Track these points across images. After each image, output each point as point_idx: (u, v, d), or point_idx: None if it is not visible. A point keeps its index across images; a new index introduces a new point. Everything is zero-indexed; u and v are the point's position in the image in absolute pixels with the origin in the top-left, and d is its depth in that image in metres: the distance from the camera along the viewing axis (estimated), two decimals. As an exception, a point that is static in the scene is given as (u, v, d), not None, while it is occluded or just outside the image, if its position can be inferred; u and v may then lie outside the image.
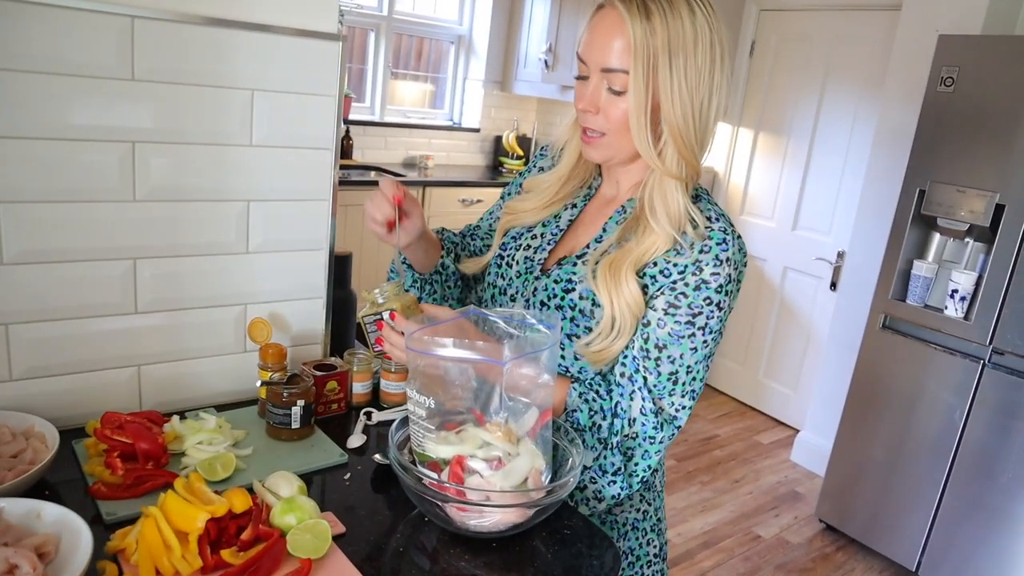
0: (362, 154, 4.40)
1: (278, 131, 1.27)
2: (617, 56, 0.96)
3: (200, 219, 1.24)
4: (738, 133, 3.97)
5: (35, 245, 1.11)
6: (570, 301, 1.06)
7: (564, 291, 1.07)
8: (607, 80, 0.98)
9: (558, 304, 1.07)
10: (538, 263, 1.13)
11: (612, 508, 1.16)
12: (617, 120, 0.99)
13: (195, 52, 1.16)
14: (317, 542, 0.91)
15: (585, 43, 1.00)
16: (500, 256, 1.19)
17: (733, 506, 3.11)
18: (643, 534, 1.19)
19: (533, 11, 4.56)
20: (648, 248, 1.01)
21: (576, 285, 1.06)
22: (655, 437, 1.04)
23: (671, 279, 1.00)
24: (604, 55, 0.97)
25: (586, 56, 1.00)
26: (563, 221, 1.15)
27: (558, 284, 1.08)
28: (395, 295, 1.06)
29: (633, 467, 1.06)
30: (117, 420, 1.09)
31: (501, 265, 1.18)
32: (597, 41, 0.98)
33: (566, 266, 1.09)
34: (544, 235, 1.15)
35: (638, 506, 1.18)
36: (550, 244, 1.14)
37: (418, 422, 0.96)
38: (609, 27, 0.96)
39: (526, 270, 1.14)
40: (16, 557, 0.78)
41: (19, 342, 1.13)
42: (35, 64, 1.05)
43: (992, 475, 2.40)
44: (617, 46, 0.95)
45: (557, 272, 1.09)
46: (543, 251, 1.14)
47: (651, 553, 1.21)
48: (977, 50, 2.41)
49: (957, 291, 2.45)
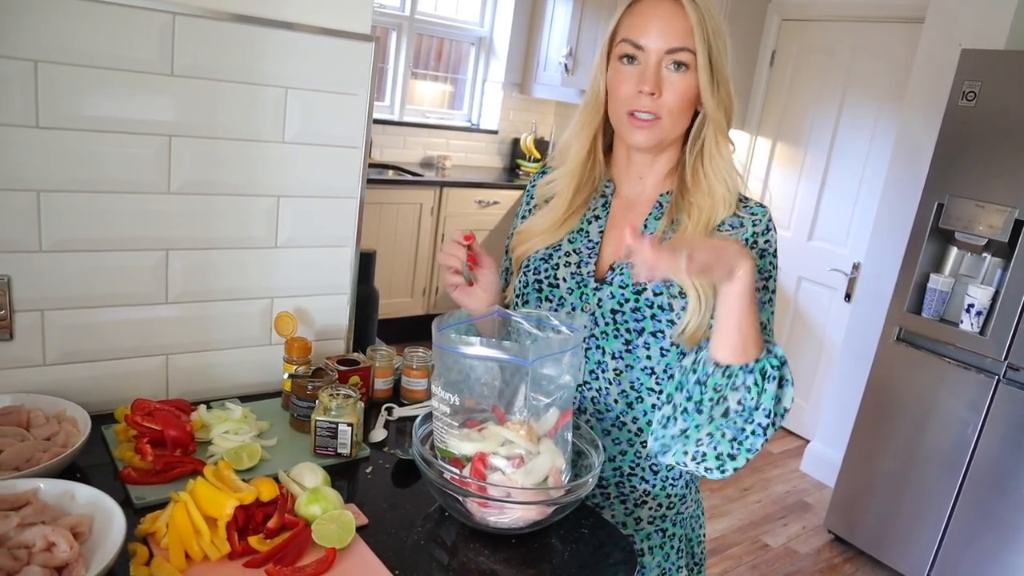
0: (380, 153, 4.44)
1: (310, 129, 1.29)
2: (682, 37, 1.01)
3: (231, 213, 1.26)
4: (756, 142, 3.97)
5: (72, 234, 1.14)
6: (646, 300, 1.06)
7: (635, 293, 1.07)
8: (669, 60, 1.02)
9: (633, 307, 1.07)
10: (589, 275, 1.11)
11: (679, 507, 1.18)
12: (675, 99, 1.03)
13: (232, 49, 1.19)
14: (342, 532, 0.93)
15: (640, 28, 1.03)
16: (538, 281, 1.14)
17: (741, 514, 3.11)
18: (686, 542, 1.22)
19: (554, 15, 4.59)
20: (708, 218, 1.06)
21: (646, 283, 1.07)
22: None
23: None
24: (669, 36, 1.01)
25: (644, 40, 1.02)
26: (594, 233, 1.14)
27: (625, 288, 1.08)
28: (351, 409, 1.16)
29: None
30: (147, 407, 1.12)
31: (542, 288, 1.14)
32: (658, 26, 1.02)
33: (625, 270, 1.08)
34: (579, 250, 1.13)
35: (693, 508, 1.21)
36: (592, 256, 1.12)
37: (442, 418, 0.98)
38: (668, 11, 1.02)
39: (578, 284, 1.11)
40: (54, 535, 0.80)
41: (53, 328, 1.16)
42: (80, 58, 1.08)
43: (1004, 490, 2.40)
44: (681, 28, 1.01)
45: (619, 278, 1.08)
46: (588, 264, 1.12)
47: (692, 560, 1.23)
48: (1000, 65, 2.40)
49: (973, 306, 2.45)
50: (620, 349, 1.08)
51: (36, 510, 0.85)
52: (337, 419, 1.13)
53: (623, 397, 1.09)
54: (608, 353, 1.08)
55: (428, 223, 4.14)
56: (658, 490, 1.13)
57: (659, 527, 1.16)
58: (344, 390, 1.16)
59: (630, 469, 1.12)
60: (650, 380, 1.08)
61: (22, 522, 0.82)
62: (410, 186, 4.07)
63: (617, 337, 1.07)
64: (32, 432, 1.05)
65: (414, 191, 4.06)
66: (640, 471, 1.12)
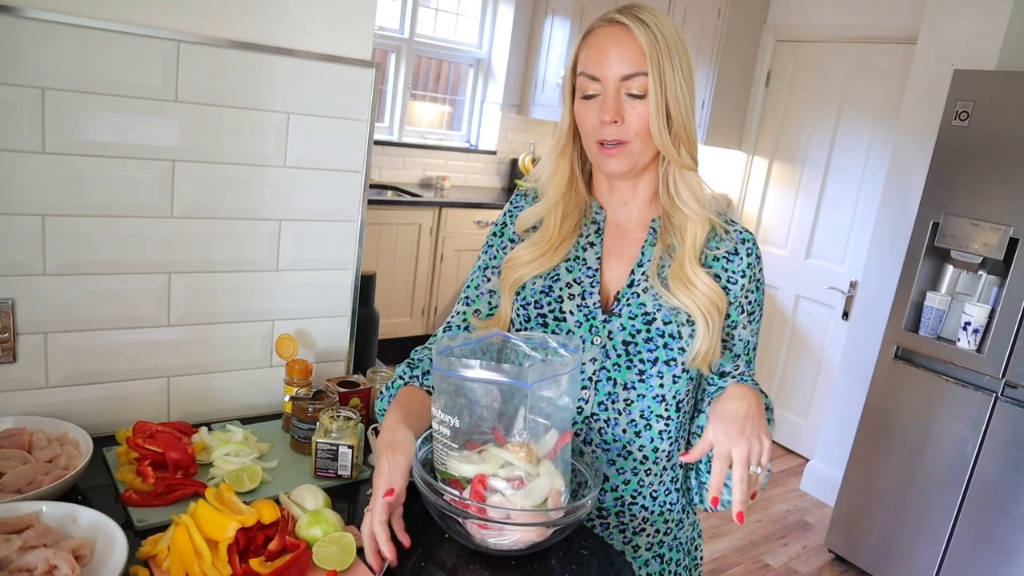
0: (379, 174, 4.47)
1: (311, 153, 1.31)
2: (634, 62, 1.02)
3: (233, 236, 1.28)
4: (753, 162, 4.01)
5: (76, 258, 1.15)
6: (657, 330, 1.07)
7: (645, 324, 1.08)
8: (625, 88, 1.03)
9: (645, 337, 1.07)
10: (595, 306, 1.10)
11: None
12: (640, 123, 1.04)
13: (235, 76, 1.21)
14: (343, 555, 0.93)
15: (594, 60, 1.04)
16: (541, 315, 1.12)
17: (742, 534, 3.10)
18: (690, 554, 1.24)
19: (552, 36, 4.64)
20: (693, 238, 1.08)
21: (655, 313, 1.08)
22: None
23: (738, 286, 1.10)
24: (621, 64, 1.02)
25: (599, 71, 1.03)
26: (591, 260, 1.13)
27: (635, 319, 1.08)
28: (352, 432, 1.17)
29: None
30: (148, 430, 1.13)
31: (548, 323, 1.11)
32: (610, 53, 1.03)
33: (632, 300, 1.09)
34: (579, 280, 1.12)
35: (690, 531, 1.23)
36: (594, 285, 1.11)
37: (442, 440, 0.99)
38: (619, 39, 1.02)
39: (586, 317, 1.10)
40: (56, 558, 0.81)
41: (56, 351, 1.17)
42: (86, 85, 1.10)
43: (1004, 509, 2.39)
44: (632, 53, 1.02)
45: (627, 309, 1.09)
46: (592, 294, 1.11)
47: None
48: (992, 85, 2.44)
49: (970, 323, 2.46)
50: (634, 380, 1.07)
51: (38, 533, 0.86)
52: (338, 441, 1.14)
53: (631, 426, 1.09)
54: (620, 384, 1.08)
55: (427, 243, 4.16)
56: (656, 516, 1.13)
57: (657, 553, 1.16)
58: (345, 412, 1.17)
59: (631, 498, 1.11)
60: (660, 407, 1.08)
61: (24, 545, 0.83)
62: (409, 207, 4.10)
63: (631, 368, 1.07)
64: (34, 454, 1.05)
65: (413, 211, 4.09)
66: (641, 499, 1.12)
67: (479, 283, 1.20)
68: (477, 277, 1.21)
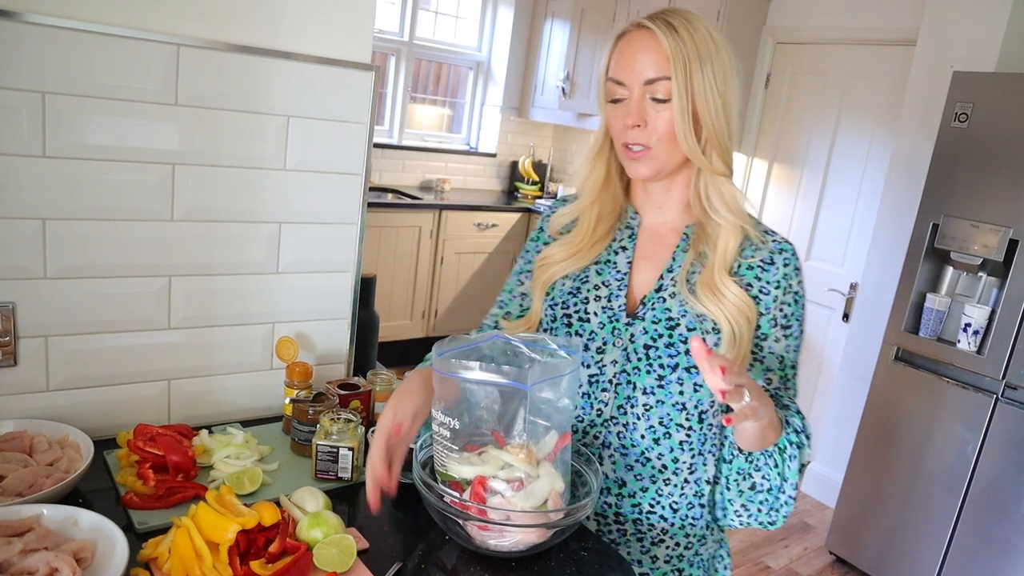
0: (379, 176, 4.47)
1: (311, 156, 1.31)
2: (658, 66, 1.02)
3: (233, 239, 1.28)
4: (752, 163, 4.01)
5: (76, 261, 1.15)
6: (680, 336, 1.06)
7: (668, 329, 1.07)
8: (650, 92, 1.03)
9: (667, 342, 1.06)
10: (620, 309, 1.10)
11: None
12: (665, 127, 1.04)
13: (234, 79, 1.22)
14: (343, 557, 0.93)
15: (620, 65, 1.05)
16: (567, 315, 1.13)
17: (742, 535, 3.10)
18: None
19: (552, 39, 4.65)
20: (724, 247, 1.06)
21: (679, 319, 1.07)
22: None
23: (770, 296, 1.07)
24: (645, 68, 1.02)
25: (624, 76, 1.04)
26: (622, 264, 1.13)
27: (658, 324, 1.07)
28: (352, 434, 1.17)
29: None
30: (149, 432, 1.13)
31: (572, 323, 1.12)
32: (635, 58, 1.03)
33: (657, 305, 1.09)
34: (608, 282, 1.13)
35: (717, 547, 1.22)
36: (622, 289, 1.12)
37: (442, 442, 0.99)
38: (644, 44, 1.03)
39: (609, 319, 1.10)
40: (57, 561, 0.81)
41: (57, 354, 1.17)
42: (86, 89, 1.10)
43: (1005, 510, 2.39)
44: (656, 57, 1.02)
45: (652, 313, 1.08)
46: (618, 297, 1.11)
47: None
48: (991, 87, 2.44)
49: (970, 325, 2.46)
50: (653, 385, 1.07)
51: (39, 536, 0.86)
52: (338, 443, 1.14)
53: (651, 432, 1.08)
54: (639, 388, 1.07)
55: (427, 246, 4.16)
56: (676, 528, 1.12)
57: (676, 567, 1.14)
58: (345, 414, 1.17)
59: (649, 507, 1.10)
60: (680, 416, 1.07)
61: (25, 548, 0.83)
62: (409, 209, 4.10)
63: (650, 372, 1.07)
64: (35, 458, 1.05)
65: (413, 214, 4.09)
66: (660, 508, 1.10)
67: (513, 287, 1.24)
68: (512, 282, 1.24)
